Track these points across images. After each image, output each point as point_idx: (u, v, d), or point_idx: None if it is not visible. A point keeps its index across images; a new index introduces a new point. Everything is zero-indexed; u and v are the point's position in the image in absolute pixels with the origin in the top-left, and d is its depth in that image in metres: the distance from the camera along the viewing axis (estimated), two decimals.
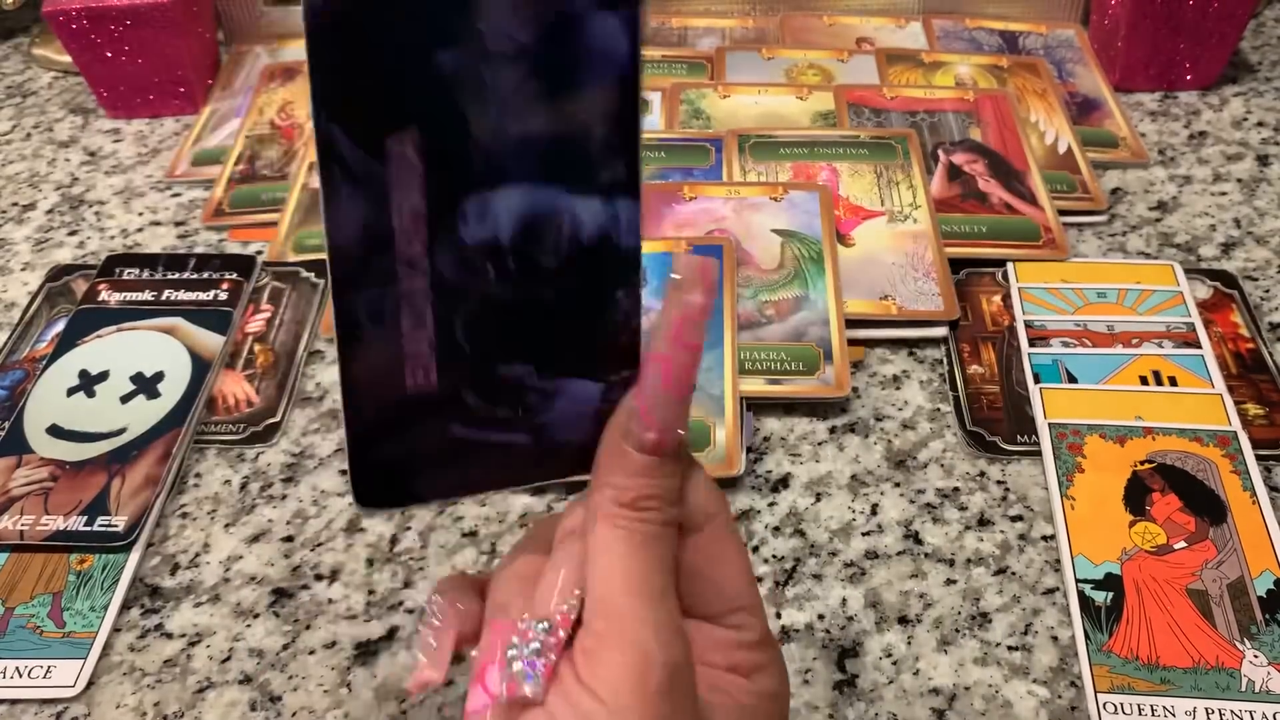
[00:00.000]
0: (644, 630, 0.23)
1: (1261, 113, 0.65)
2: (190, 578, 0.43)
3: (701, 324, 0.24)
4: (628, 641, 0.23)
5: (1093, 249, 0.56)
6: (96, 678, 0.39)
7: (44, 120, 0.69)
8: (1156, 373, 0.48)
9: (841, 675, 0.38)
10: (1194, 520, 0.42)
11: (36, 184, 0.64)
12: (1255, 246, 0.55)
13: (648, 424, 0.24)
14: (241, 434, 0.48)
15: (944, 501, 0.44)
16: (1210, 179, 0.60)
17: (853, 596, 0.41)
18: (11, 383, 0.50)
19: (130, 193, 0.62)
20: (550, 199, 0.24)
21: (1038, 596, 0.40)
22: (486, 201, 0.23)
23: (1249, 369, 0.48)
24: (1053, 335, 0.50)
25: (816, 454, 0.46)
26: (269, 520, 0.45)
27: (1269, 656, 0.38)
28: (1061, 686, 0.38)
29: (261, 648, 0.40)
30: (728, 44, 0.72)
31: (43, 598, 0.42)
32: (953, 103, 0.64)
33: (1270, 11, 0.74)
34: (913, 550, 0.42)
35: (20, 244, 0.59)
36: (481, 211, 0.23)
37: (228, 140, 0.65)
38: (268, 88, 0.69)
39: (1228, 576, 0.40)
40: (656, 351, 0.24)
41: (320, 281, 0.55)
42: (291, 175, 0.62)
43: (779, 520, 0.43)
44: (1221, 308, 0.51)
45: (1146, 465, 0.44)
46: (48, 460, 0.46)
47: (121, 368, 0.50)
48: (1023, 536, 0.43)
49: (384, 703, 0.38)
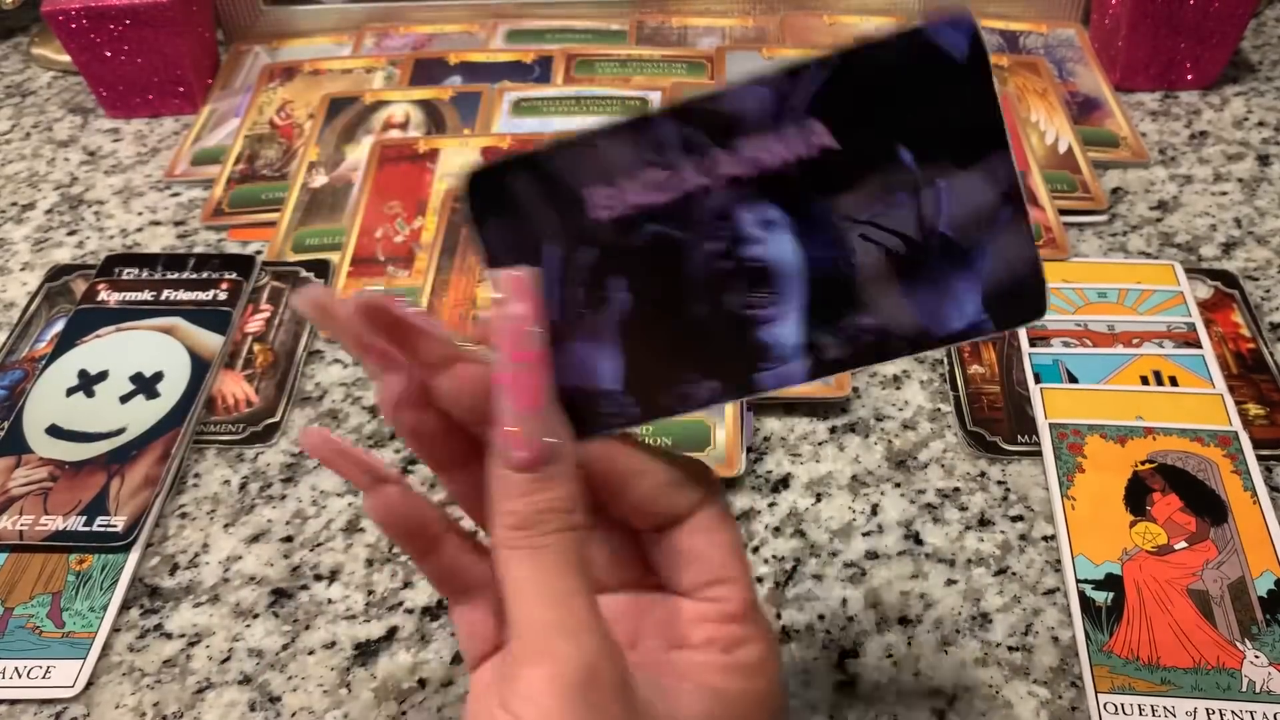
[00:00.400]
0: (549, 635, 0.23)
1: (1262, 112, 0.65)
2: (189, 578, 0.42)
3: (532, 333, 0.24)
4: (537, 652, 0.23)
5: (1093, 249, 0.56)
6: (96, 678, 0.39)
7: (43, 120, 0.69)
8: (1157, 373, 0.48)
9: (842, 676, 0.38)
10: (1195, 520, 0.42)
11: (36, 183, 0.64)
12: (1256, 246, 0.55)
13: (515, 444, 0.24)
14: (241, 434, 0.48)
15: (944, 502, 0.44)
16: (1211, 179, 0.60)
17: (853, 597, 0.41)
18: (10, 383, 0.50)
19: (129, 192, 0.62)
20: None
21: (1038, 597, 0.40)
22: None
23: (1250, 369, 0.48)
24: (1053, 335, 0.50)
25: (817, 454, 0.46)
26: (268, 520, 0.44)
27: (1270, 657, 0.38)
28: (1062, 687, 0.38)
29: (261, 648, 0.40)
30: (728, 43, 0.71)
31: (42, 598, 0.42)
32: None
33: (1271, 11, 0.74)
34: (913, 551, 0.42)
35: (19, 244, 0.59)
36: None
37: (227, 140, 0.65)
38: (267, 87, 0.69)
39: (1228, 577, 0.40)
40: (498, 373, 0.24)
41: (320, 282, 0.55)
42: (290, 174, 0.62)
43: (779, 520, 0.43)
44: (1222, 307, 0.51)
45: (1147, 465, 0.44)
46: (47, 460, 0.46)
47: (121, 368, 0.50)
48: (1023, 537, 0.42)
49: (383, 703, 0.38)
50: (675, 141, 0.24)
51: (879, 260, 0.24)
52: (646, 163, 0.24)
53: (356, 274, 0.55)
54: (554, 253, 0.25)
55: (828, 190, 0.24)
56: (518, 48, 0.72)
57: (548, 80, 0.68)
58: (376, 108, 0.66)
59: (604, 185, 0.24)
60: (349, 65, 0.71)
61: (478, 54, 0.71)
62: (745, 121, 0.24)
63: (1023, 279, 0.24)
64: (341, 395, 0.50)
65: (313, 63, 0.71)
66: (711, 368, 0.26)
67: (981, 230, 0.24)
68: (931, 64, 0.23)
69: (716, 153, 0.24)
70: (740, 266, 0.25)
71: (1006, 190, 0.23)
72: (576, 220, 0.25)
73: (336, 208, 0.59)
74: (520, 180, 0.25)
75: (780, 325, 0.25)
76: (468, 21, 0.75)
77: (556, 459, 0.25)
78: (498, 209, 0.25)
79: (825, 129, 0.23)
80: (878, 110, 0.23)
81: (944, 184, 0.23)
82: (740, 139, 0.24)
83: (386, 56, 0.71)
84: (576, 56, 0.70)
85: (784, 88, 0.23)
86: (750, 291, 0.25)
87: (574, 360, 0.26)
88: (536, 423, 0.24)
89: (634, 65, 0.69)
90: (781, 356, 0.25)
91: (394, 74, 0.70)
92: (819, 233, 0.24)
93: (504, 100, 0.66)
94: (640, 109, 0.25)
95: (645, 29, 0.73)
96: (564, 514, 0.25)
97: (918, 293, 0.24)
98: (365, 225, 0.57)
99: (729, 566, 0.27)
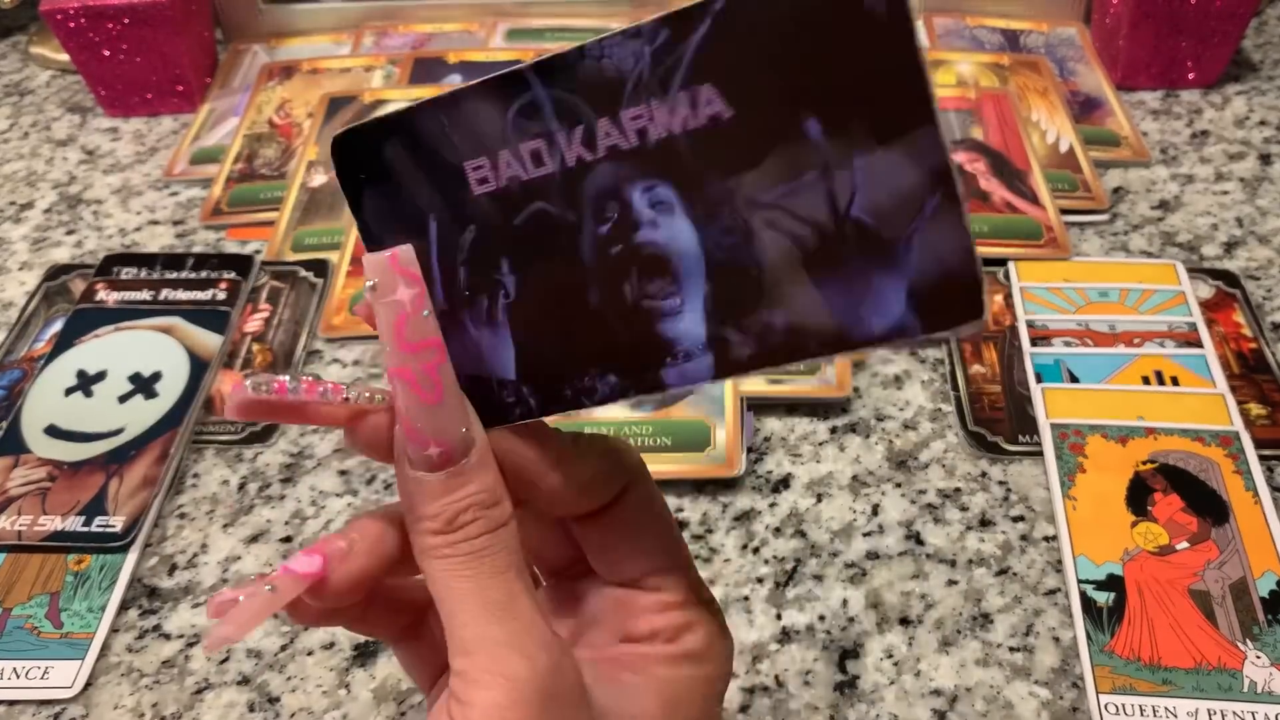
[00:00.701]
0: (498, 653, 0.22)
1: (1264, 111, 0.64)
2: (188, 578, 0.42)
3: (420, 318, 0.22)
4: (487, 672, 0.22)
5: (1094, 248, 0.55)
6: (94, 678, 0.39)
7: (42, 119, 0.69)
8: (1159, 372, 0.48)
9: (842, 676, 0.38)
10: (1196, 520, 0.42)
11: (34, 183, 0.63)
12: (1257, 246, 0.55)
13: (423, 442, 0.22)
14: (239, 434, 0.48)
15: (945, 502, 0.44)
16: (1212, 178, 0.60)
17: (854, 597, 0.41)
18: (9, 382, 0.50)
19: (128, 191, 0.62)
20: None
21: (1039, 597, 0.40)
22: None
23: (1251, 369, 0.48)
24: (1054, 335, 0.50)
25: (817, 454, 0.46)
26: (267, 521, 0.44)
27: (1271, 657, 0.37)
28: (1063, 687, 0.38)
29: (260, 649, 0.40)
30: None
31: (40, 598, 0.41)
32: (954, 101, 0.64)
33: (1272, 10, 0.74)
34: (914, 551, 0.42)
35: (18, 243, 0.59)
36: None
37: (226, 139, 0.65)
38: (266, 86, 0.69)
39: (1230, 577, 0.40)
40: (392, 366, 0.22)
41: (319, 281, 0.55)
42: (289, 174, 0.62)
43: (780, 521, 0.43)
44: (1224, 307, 0.51)
45: (1148, 465, 0.44)
46: (45, 460, 0.46)
47: (119, 367, 0.50)
48: (1024, 537, 0.42)
49: (382, 704, 0.38)
50: (548, 107, 0.21)
51: (788, 249, 0.21)
52: (522, 131, 0.22)
53: (356, 273, 0.55)
54: (435, 231, 0.23)
55: (723, 167, 0.21)
56: (517, 46, 0.72)
57: None
58: (376, 107, 0.66)
59: (480, 156, 0.22)
60: (348, 64, 0.71)
61: (477, 53, 0.71)
62: (623, 83, 0.21)
63: (955, 276, 0.20)
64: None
65: (312, 62, 0.71)
66: (611, 361, 0.23)
67: (906, 219, 0.20)
68: (842, 15, 0.19)
69: (595, 120, 0.21)
70: (632, 251, 0.22)
71: (935, 172, 0.19)
72: (456, 195, 0.23)
73: (336, 207, 0.59)
74: (393, 146, 0.23)
75: (682, 319, 0.22)
76: (467, 20, 0.74)
77: (469, 451, 0.23)
78: (372, 176, 0.23)
79: (716, 93, 0.20)
80: (776, 71, 0.20)
81: (860, 163, 0.20)
82: (620, 106, 0.21)
83: (386, 55, 0.71)
84: None
85: (662, 41, 0.20)
86: (646, 280, 0.22)
87: (465, 346, 0.24)
88: (443, 414, 0.22)
89: None
90: (686, 353, 0.22)
91: (393, 73, 0.69)
92: (717, 216, 0.21)
93: None
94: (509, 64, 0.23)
95: None
96: (489, 509, 0.23)
97: (833, 288, 0.21)
98: None
99: (663, 554, 0.26)
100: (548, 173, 0.22)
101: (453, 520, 0.22)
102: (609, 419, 0.46)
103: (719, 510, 0.44)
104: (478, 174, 0.22)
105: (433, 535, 0.23)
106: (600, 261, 0.22)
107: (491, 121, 0.22)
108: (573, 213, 0.22)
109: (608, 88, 0.21)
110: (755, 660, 0.39)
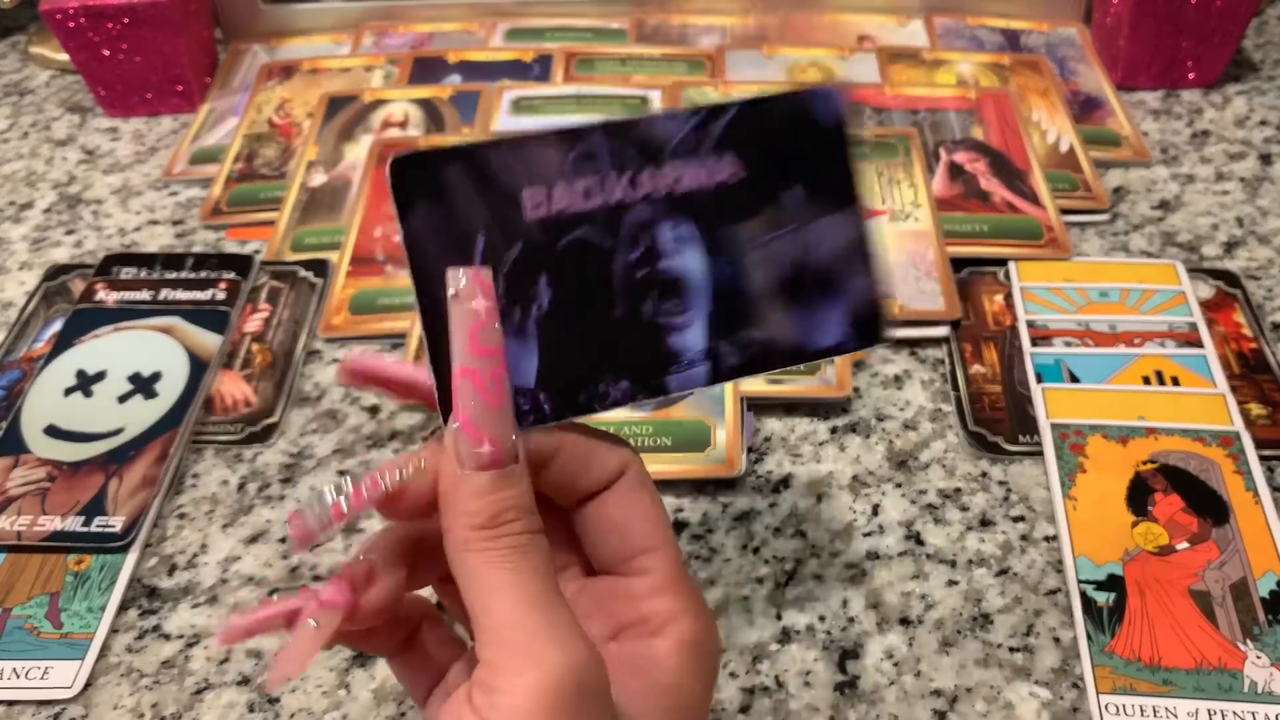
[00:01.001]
0: (534, 641, 0.23)
1: (1264, 111, 0.64)
2: (188, 578, 0.42)
3: (492, 327, 0.24)
4: (521, 659, 0.22)
5: (1095, 248, 0.55)
6: (94, 679, 0.39)
7: (41, 118, 0.69)
8: (1159, 372, 0.48)
9: (843, 677, 0.38)
10: (1196, 521, 0.42)
11: (34, 183, 0.63)
12: (1258, 246, 0.55)
13: (478, 440, 0.24)
14: (239, 434, 0.47)
15: (945, 502, 0.44)
16: (1213, 178, 0.60)
17: (854, 598, 0.41)
18: (8, 382, 0.50)
19: (128, 191, 0.62)
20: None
21: (1039, 597, 0.40)
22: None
23: (1252, 369, 0.48)
24: (1055, 335, 0.50)
25: (817, 454, 0.46)
26: (267, 521, 0.44)
27: (1272, 657, 0.37)
28: (1063, 688, 0.37)
29: (260, 649, 0.40)
30: (728, 41, 0.71)
31: (40, 598, 0.41)
32: (954, 101, 0.64)
33: (1273, 10, 0.74)
34: (914, 551, 0.42)
35: (17, 243, 0.59)
36: None
37: (225, 139, 0.65)
38: (266, 86, 0.69)
39: (1230, 577, 0.40)
40: (461, 367, 0.24)
41: (319, 281, 0.55)
42: (289, 173, 0.61)
43: (780, 521, 0.43)
44: (1224, 307, 0.51)
45: (1149, 465, 0.44)
46: (45, 460, 0.46)
47: (119, 368, 0.50)
48: (1024, 537, 0.42)
49: (382, 704, 0.38)
50: (606, 155, 0.27)
51: (770, 281, 0.28)
52: (578, 171, 0.26)
53: (355, 273, 0.55)
54: (482, 245, 0.26)
55: (735, 214, 0.28)
56: (517, 46, 0.72)
57: (547, 79, 0.68)
58: (375, 106, 0.66)
59: (538, 186, 0.26)
60: (348, 64, 0.70)
61: (477, 52, 0.71)
62: (671, 145, 0.27)
63: (871, 311, 0.29)
64: (340, 395, 0.49)
65: (311, 61, 0.71)
66: (625, 369, 0.27)
67: (844, 266, 0.29)
68: (808, 124, 0.28)
69: (644, 170, 0.27)
70: (656, 276, 0.27)
71: (860, 237, 0.29)
72: (508, 216, 0.26)
73: (335, 207, 0.59)
74: (454, 171, 0.26)
75: (688, 332, 0.28)
76: (467, 20, 0.74)
77: (517, 457, 0.25)
78: (425, 195, 0.26)
79: (738, 161, 0.27)
80: (774, 152, 0.28)
81: (822, 224, 0.28)
82: (666, 160, 0.27)
83: (385, 55, 0.71)
84: (576, 55, 0.70)
85: (706, 120, 0.27)
86: (663, 299, 0.28)
87: None
88: (500, 418, 0.24)
89: (634, 64, 0.69)
90: (688, 361, 0.28)
91: (393, 73, 0.69)
92: (725, 251, 0.28)
93: (503, 99, 0.66)
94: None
95: (645, 27, 0.73)
96: (528, 513, 0.24)
97: (798, 312, 0.28)
98: (364, 224, 0.57)
99: (652, 535, 0.27)
100: (595, 206, 0.27)
101: (496, 516, 0.24)
102: (609, 419, 0.46)
103: (719, 510, 0.44)
104: (533, 200, 0.26)
105: (474, 530, 0.24)
106: (627, 282, 0.27)
107: (552, 161, 0.26)
108: (610, 240, 0.27)
109: (654, 146, 0.27)
110: (755, 660, 0.39)
